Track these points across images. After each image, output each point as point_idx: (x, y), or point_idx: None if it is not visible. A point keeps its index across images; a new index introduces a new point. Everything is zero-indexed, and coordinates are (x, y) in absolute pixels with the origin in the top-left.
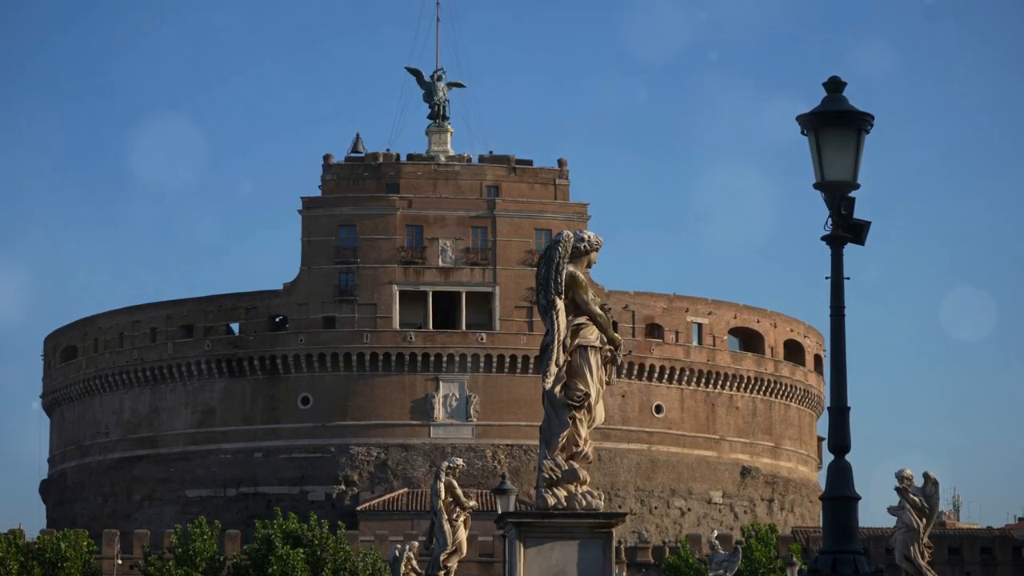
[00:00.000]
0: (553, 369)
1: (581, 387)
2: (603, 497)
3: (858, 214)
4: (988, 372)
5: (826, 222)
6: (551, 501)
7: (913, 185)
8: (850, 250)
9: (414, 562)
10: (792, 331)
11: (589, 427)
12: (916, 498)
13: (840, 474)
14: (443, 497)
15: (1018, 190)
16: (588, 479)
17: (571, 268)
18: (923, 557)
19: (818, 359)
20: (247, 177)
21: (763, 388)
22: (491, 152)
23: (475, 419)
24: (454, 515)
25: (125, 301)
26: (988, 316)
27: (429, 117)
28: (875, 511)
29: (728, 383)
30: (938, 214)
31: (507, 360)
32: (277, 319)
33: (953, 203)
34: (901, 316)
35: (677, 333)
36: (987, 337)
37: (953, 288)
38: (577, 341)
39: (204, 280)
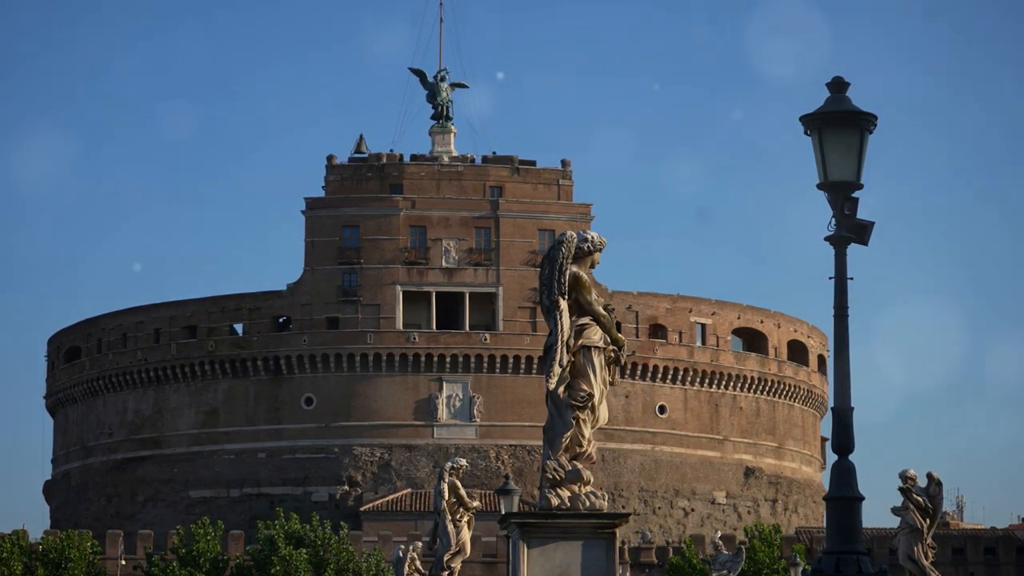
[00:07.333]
0: (556, 370)
1: (585, 388)
2: (607, 498)
3: (861, 214)
4: (989, 372)
5: (829, 222)
6: (554, 502)
7: (915, 185)
8: (853, 250)
9: (418, 563)
10: (795, 331)
11: (593, 428)
12: (920, 498)
13: (843, 475)
14: (447, 498)
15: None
16: (592, 479)
17: (574, 268)
18: (927, 557)
19: (821, 359)
20: (251, 177)
21: (766, 388)
22: (494, 153)
23: (478, 420)
24: (458, 516)
25: (128, 302)
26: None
27: (432, 118)
28: (878, 511)
29: (732, 383)
30: (938, 214)
31: (510, 361)
32: (280, 320)
33: (954, 203)
34: (903, 316)
35: (681, 334)
36: (983, 336)
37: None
38: (581, 342)
39: (207, 281)
